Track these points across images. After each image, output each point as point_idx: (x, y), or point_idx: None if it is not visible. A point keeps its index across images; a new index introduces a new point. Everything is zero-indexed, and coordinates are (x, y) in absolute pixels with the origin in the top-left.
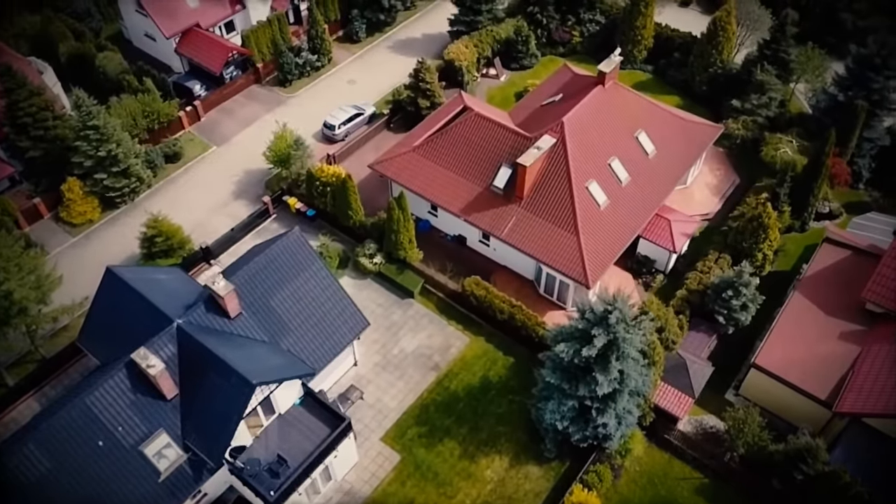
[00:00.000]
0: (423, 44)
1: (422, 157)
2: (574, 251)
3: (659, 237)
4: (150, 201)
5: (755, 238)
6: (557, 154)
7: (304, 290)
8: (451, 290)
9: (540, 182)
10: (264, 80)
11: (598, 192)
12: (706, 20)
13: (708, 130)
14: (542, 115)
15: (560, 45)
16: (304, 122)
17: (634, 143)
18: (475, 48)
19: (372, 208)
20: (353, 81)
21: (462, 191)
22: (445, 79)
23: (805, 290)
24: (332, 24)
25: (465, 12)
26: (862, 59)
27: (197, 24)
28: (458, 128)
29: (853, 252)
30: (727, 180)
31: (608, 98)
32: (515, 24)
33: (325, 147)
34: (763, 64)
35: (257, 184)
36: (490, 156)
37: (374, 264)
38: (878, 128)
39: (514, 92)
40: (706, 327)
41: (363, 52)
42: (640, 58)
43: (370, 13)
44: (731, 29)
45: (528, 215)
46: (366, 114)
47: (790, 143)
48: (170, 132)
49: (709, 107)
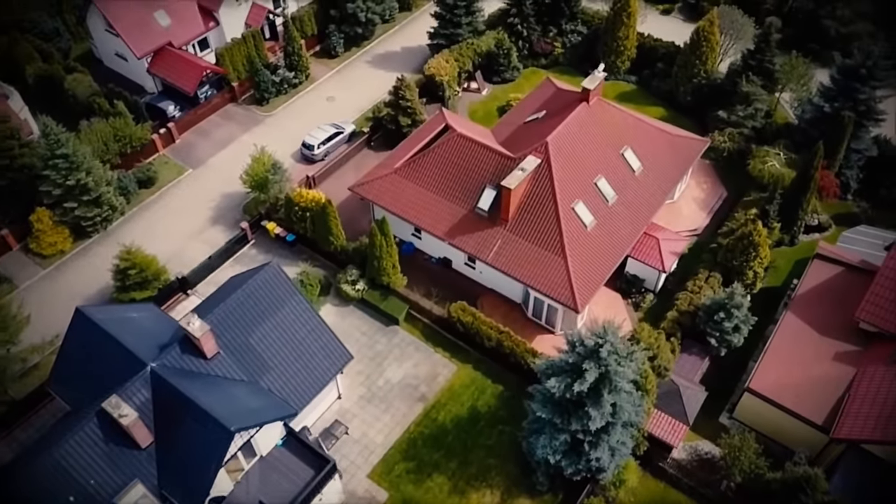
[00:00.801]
0: (402, 57)
1: (403, 179)
2: (562, 274)
3: (648, 257)
4: (124, 229)
5: (745, 256)
6: (542, 175)
7: (283, 326)
8: (437, 315)
9: (525, 204)
10: (240, 99)
11: (585, 213)
12: (688, 28)
13: (694, 144)
14: (525, 134)
15: (542, 57)
16: (283, 142)
17: (620, 161)
18: (456, 62)
19: (353, 231)
20: (331, 98)
21: (446, 213)
22: (426, 94)
23: (797, 310)
24: (309, 40)
25: (445, 25)
26: (847, 70)
27: (169, 43)
28: (441, 149)
29: (845, 269)
30: (714, 194)
31: (593, 115)
32: (496, 36)
33: (304, 168)
34: (748, 74)
35: (235, 208)
36: (474, 177)
37: (357, 291)
38: (864, 138)
39: (497, 106)
40: (698, 349)
41: (341, 67)
42: (624, 68)
43: (347, 27)
44: (714, 39)
45: (514, 238)
46: (345, 132)
47: (777, 155)
48: (143, 156)
49: (694, 117)
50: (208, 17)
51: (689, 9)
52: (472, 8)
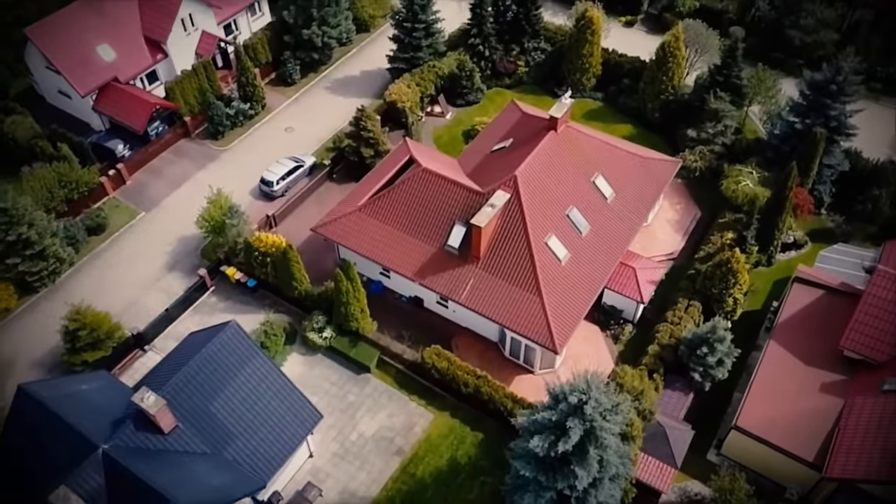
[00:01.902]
0: (362, 82)
1: (368, 217)
2: (538, 313)
3: (625, 287)
4: (74, 282)
5: (724, 283)
6: (513, 210)
7: (246, 390)
8: (411, 360)
9: (497, 240)
10: (194, 134)
11: (559, 247)
12: (652, 40)
13: (666, 166)
14: (493, 164)
15: (506, 77)
16: (240, 178)
17: (592, 189)
18: (417, 87)
19: (318, 271)
20: (290, 129)
21: (415, 252)
22: (389, 120)
23: (780, 338)
24: (264, 68)
25: (404, 49)
26: (817, 86)
27: (115, 79)
28: (406, 184)
29: (825, 292)
30: (688, 214)
31: (561, 144)
32: (458, 57)
33: (264, 205)
34: (716, 91)
35: (192, 252)
36: (442, 213)
37: (325, 339)
38: (836, 153)
39: (462, 130)
40: (681, 384)
41: (299, 94)
42: (589, 86)
43: (303, 53)
44: (680, 54)
45: (487, 276)
46: (306, 165)
47: (750, 174)
48: (92, 201)
49: (663, 134)
50: (156, 48)
51: (652, 21)
52: (432, 30)
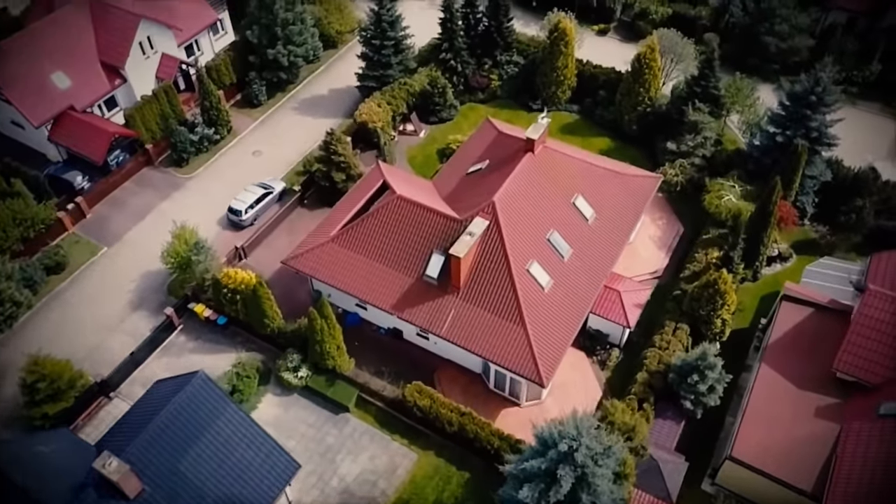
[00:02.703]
0: (331, 101)
1: (342, 248)
2: (522, 345)
3: (610, 312)
4: (33, 326)
5: (712, 305)
6: (492, 237)
7: (217, 444)
8: (392, 397)
9: (477, 268)
10: (157, 162)
11: (541, 273)
12: (626, 49)
13: (647, 182)
14: (470, 188)
15: (479, 91)
16: (207, 207)
17: (572, 211)
18: (389, 105)
19: (292, 304)
20: (258, 152)
21: (392, 283)
22: (361, 140)
23: (771, 361)
24: (228, 90)
25: (373, 66)
26: (796, 97)
27: (71, 107)
28: (381, 213)
29: (814, 310)
30: (671, 230)
31: (539, 166)
32: (430, 73)
33: (232, 235)
34: (694, 102)
35: (159, 289)
36: (419, 242)
37: (300, 378)
38: (818, 164)
39: (437, 149)
40: (673, 412)
41: (266, 116)
42: (564, 98)
43: (269, 73)
44: (656, 65)
45: (468, 307)
46: (275, 191)
47: (732, 188)
48: (50, 237)
49: (641, 147)
50: (113, 74)
51: (625, 29)
52: (402, 46)
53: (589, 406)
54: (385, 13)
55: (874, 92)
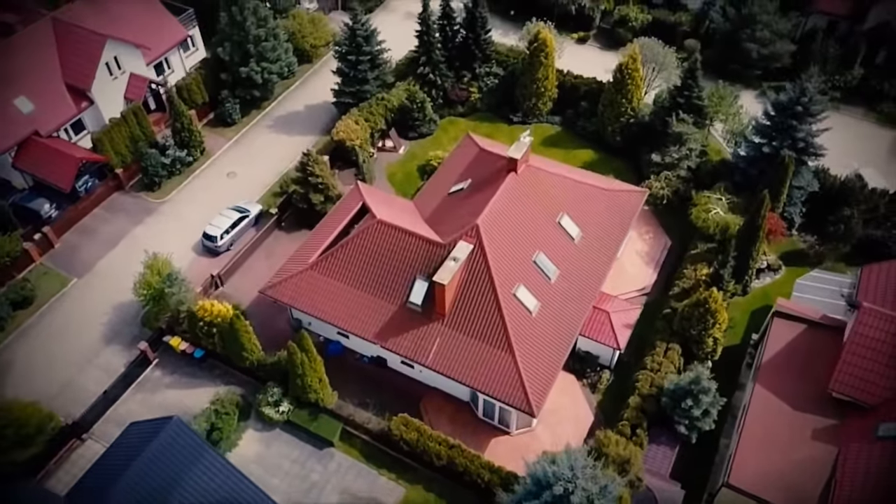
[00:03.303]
0: (307, 118)
1: (321, 276)
2: (511, 373)
3: (600, 334)
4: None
5: (703, 324)
6: (476, 261)
7: (195, 494)
8: (377, 430)
9: (462, 294)
10: (128, 187)
11: (528, 297)
12: (606, 57)
13: (633, 198)
14: (452, 208)
15: (459, 105)
16: (181, 233)
17: (558, 230)
18: (366, 122)
19: (271, 332)
20: (232, 174)
21: (374, 311)
22: (339, 158)
23: (765, 381)
24: (201, 109)
25: (350, 82)
26: (782, 107)
27: (35, 132)
28: (361, 238)
29: (807, 326)
30: (658, 244)
31: (522, 185)
32: (407, 88)
33: (208, 262)
34: (678, 113)
35: (132, 321)
36: (401, 268)
37: (281, 413)
38: (805, 175)
39: (417, 165)
40: (667, 437)
41: (240, 135)
42: (546, 110)
43: (242, 91)
44: (638, 75)
45: (454, 334)
46: (251, 215)
47: (719, 200)
48: (16, 270)
49: (625, 158)
50: (80, 96)
51: (605, 36)
52: (378, 61)
53: (581, 432)
54: (360, 28)
55: (857, 96)
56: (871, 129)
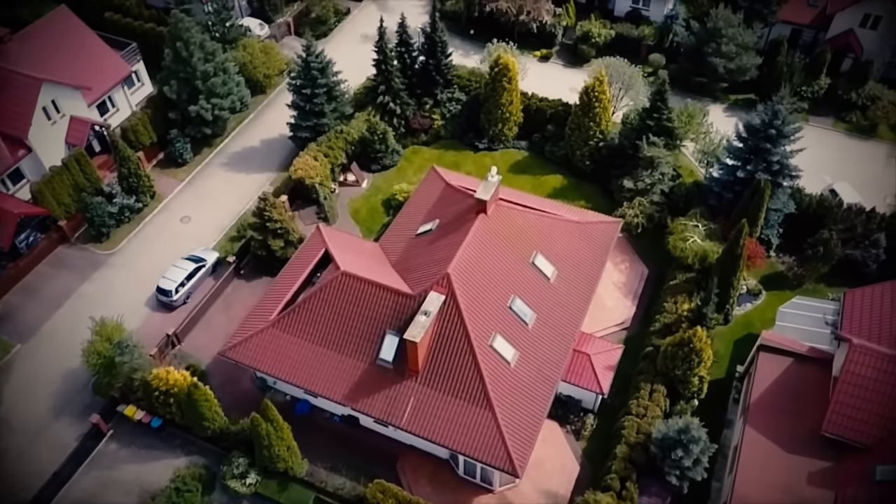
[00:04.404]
0: (264, 153)
1: (284, 333)
2: (492, 431)
3: (582, 379)
4: None
5: (688, 364)
6: (449, 313)
7: None
8: (352, 497)
9: (436, 348)
10: (73, 239)
11: (505, 347)
12: (570, 74)
13: (607, 229)
14: (421, 252)
15: (422, 133)
16: (133, 287)
17: (532, 271)
18: (326, 157)
19: (235, 394)
20: (186, 218)
21: (342, 370)
22: (299, 196)
23: (756, 422)
24: (149, 150)
25: (306, 116)
26: (754, 130)
27: None
28: (325, 292)
29: (794, 360)
30: (636, 274)
31: (493, 227)
32: (367, 119)
33: (163, 318)
34: (648, 136)
35: (83, 389)
36: (370, 322)
37: (248, 486)
38: (781, 197)
39: (381, 200)
40: (658, 489)
41: (193, 176)
42: (512, 135)
43: (193, 129)
44: (605, 98)
45: (429, 392)
46: (208, 264)
47: (696, 227)
48: None
49: (596, 182)
50: (17, 144)
51: (568, 53)
52: (335, 92)
53: (567, 483)
54: (314, 59)
55: (825, 106)
56: (841, 140)
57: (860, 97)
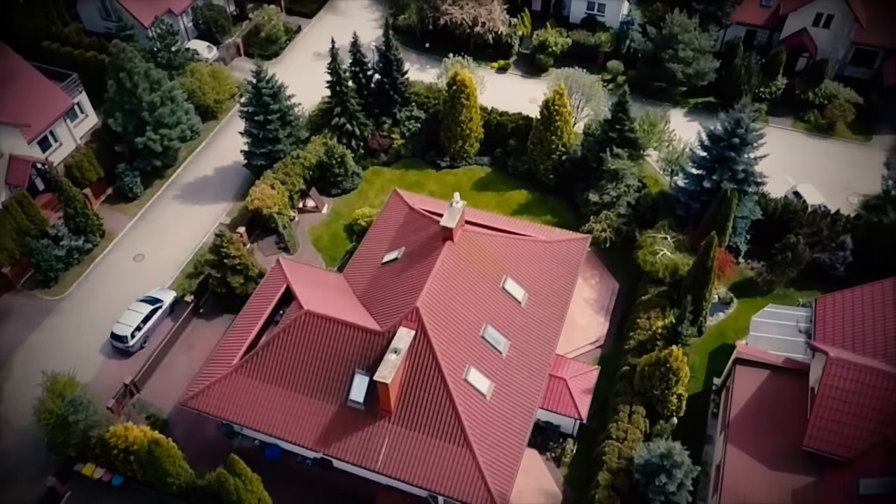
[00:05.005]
0: (218, 182)
1: (248, 378)
2: (470, 470)
3: (559, 405)
4: None
5: (665, 383)
6: (421, 348)
7: None
8: None
9: (408, 386)
10: (19, 286)
11: (480, 379)
12: (529, 84)
13: (575, 246)
14: (387, 283)
15: (382, 153)
16: (86, 334)
17: (503, 296)
18: (283, 185)
19: (201, 443)
20: (140, 256)
21: (312, 413)
22: (257, 226)
23: (737, 440)
24: (96, 186)
25: (260, 143)
26: (717, 139)
27: None
28: (289, 333)
29: (771, 372)
30: (606, 289)
31: (461, 254)
32: (324, 142)
33: (120, 365)
34: (611, 148)
35: (38, 449)
36: (338, 362)
37: None
38: (747, 204)
39: (343, 225)
40: None
41: (145, 210)
42: (473, 152)
43: (142, 162)
44: (566, 111)
45: (404, 432)
46: (165, 304)
47: (665, 240)
48: None
49: (561, 196)
50: None
51: (525, 62)
52: (289, 116)
53: None
54: (265, 86)
55: (783, 106)
56: (801, 140)
57: (817, 96)
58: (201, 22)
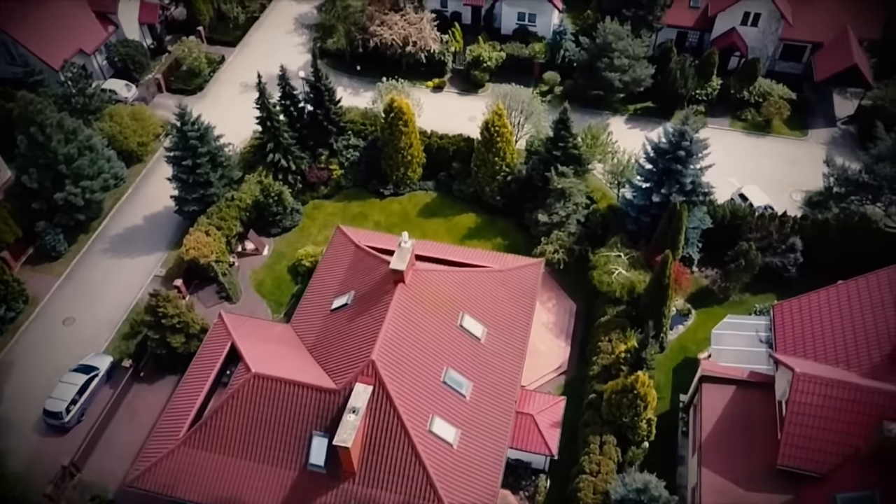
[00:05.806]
0: (149, 231)
1: (198, 451)
2: None
3: (528, 443)
4: None
5: (634, 410)
6: (380, 403)
7: None
8: None
9: (370, 443)
10: None
11: (445, 429)
12: (467, 102)
13: (530, 272)
14: (339, 333)
15: (321, 186)
16: (14, 412)
17: (461, 335)
18: (219, 231)
19: None
20: (70, 320)
21: (271, 482)
22: (195, 276)
23: (711, 463)
24: (15, 247)
25: (190, 189)
26: (663, 152)
27: None
28: (237, 399)
29: (737, 387)
30: (564, 311)
31: (414, 296)
32: (259, 180)
33: (56, 443)
34: (556, 166)
35: None
36: (293, 425)
37: None
38: (697, 214)
39: (287, 266)
40: None
41: (71, 269)
42: (417, 177)
43: (63, 217)
44: (507, 132)
45: (370, 492)
46: (101, 371)
47: (618, 258)
48: None
49: (509, 217)
50: None
51: (460, 79)
52: (219, 158)
53: None
54: (190, 128)
55: (720, 106)
56: (740, 139)
57: (752, 94)
58: (117, 59)
